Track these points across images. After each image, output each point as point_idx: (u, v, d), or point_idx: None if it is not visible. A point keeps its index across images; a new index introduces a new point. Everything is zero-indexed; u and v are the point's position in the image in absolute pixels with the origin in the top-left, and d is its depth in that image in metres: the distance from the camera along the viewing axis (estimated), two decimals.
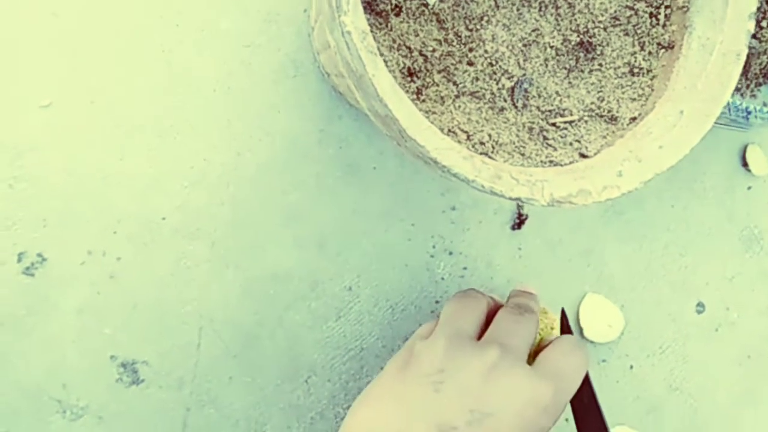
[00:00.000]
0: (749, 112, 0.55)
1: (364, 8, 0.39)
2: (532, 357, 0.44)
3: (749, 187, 0.64)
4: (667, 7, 0.44)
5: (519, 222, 0.56)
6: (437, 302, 0.54)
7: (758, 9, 0.57)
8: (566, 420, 0.53)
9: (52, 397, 0.46)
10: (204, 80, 0.49)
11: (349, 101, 0.49)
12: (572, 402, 0.45)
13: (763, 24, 0.60)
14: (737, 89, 0.61)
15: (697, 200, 0.62)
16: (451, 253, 0.55)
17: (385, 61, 0.39)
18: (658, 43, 0.44)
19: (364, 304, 0.52)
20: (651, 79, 0.44)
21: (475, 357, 0.40)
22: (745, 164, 0.63)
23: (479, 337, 0.43)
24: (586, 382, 0.44)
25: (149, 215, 0.47)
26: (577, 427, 0.45)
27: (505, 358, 0.40)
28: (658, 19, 0.44)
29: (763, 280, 0.65)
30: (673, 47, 0.44)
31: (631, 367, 0.60)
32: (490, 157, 0.40)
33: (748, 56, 0.60)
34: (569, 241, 0.58)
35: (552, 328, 0.48)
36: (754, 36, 0.59)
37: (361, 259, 0.52)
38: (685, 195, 0.62)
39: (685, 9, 0.43)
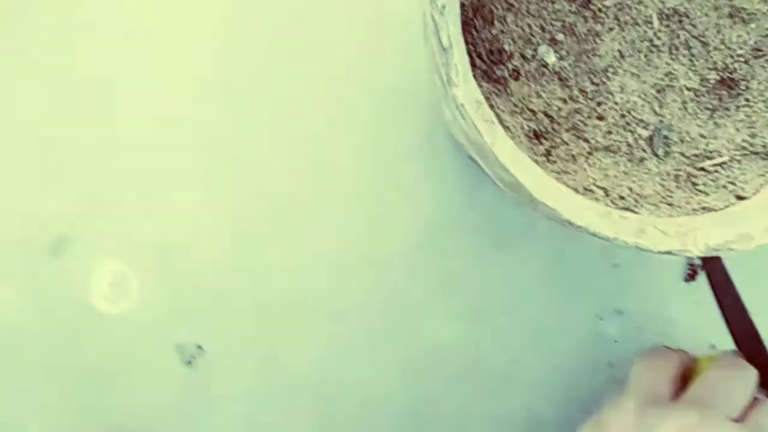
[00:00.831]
0: None
1: (482, 77, 0.39)
2: None
3: None
4: None
5: (691, 273, 0.52)
6: (611, 365, 0.51)
7: None
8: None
9: None
10: (340, 163, 0.50)
11: None
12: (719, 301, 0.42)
13: None
14: None
15: None
16: (621, 313, 0.51)
17: (508, 127, 0.38)
18: None
19: (531, 374, 0.50)
20: None
21: (670, 418, 0.37)
22: None
23: (674, 398, 0.40)
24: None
25: (303, 298, 0.49)
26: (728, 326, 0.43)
27: (707, 417, 0.36)
28: None
29: None
30: None
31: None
32: (632, 212, 0.37)
33: None
34: (754, 285, 0.53)
35: None
36: None
37: (523, 329, 0.50)
38: None
39: None
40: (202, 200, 0.49)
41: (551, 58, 0.40)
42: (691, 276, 0.52)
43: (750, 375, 0.40)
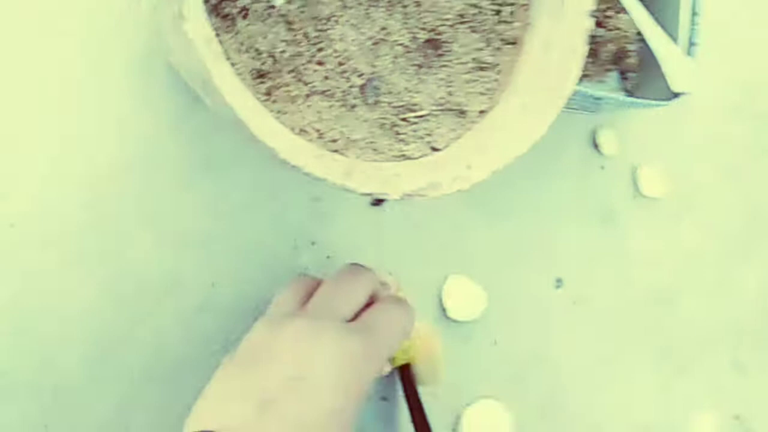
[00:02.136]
0: (599, 99, 0.58)
1: (210, 12, 0.39)
2: None
3: (602, 167, 0.68)
4: (510, 4, 0.46)
5: (379, 199, 0.57)
6: None
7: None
8: None
9: None
10: (53, 81, 0.48)
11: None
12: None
13: (610, 13, 0.63)
14: (586, 76, 0.64)
15: (554, 182, 0.65)
16: (314, 243, 0.55)
17: (234, 64, 0.39)
18: (503, 39, 0.46)
19: (228, 299, 0.53)
20: (497, 74, 0.46)
21: (287, 327, 0.41)
22: (596, 146, 0.67)
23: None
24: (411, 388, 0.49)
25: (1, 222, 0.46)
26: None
27: (318, 322, 0.41)
28: (502, 16, 0.46)
29: (617, 255, 0.69)
30: (516, 43, 0.46)
31: (495, 342, 0.63)
32: (342, 154, 0.41)
33: (596, 43, 0.63)
34: (432, 225, 0.60)
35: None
36: (600, 25, 0.63)
37: (224, 255, 0.52)
38: (542, 177, 0.65)
39: (526, 6, 0.45)
40: None
41: (279, 1, 0.41)
42: (378, 202, 0.57)
43: (363, 278, 0.45)
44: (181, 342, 0.51)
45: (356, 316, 0.44)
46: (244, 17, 0.40)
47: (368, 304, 0.45)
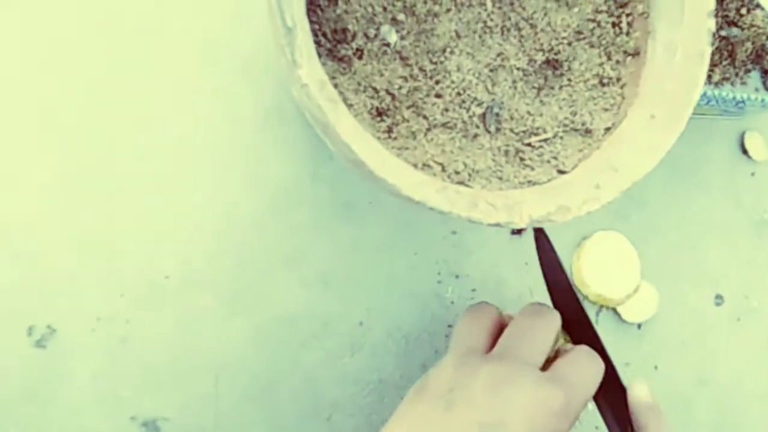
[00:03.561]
0: (742, 102, 0.55)
1: (326, 55, 0.40)
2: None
3: (753, 174, 0.64)
4: (628, 15, 0.45)
5: (520, 228, 0.56)
6: (449, 326, 0.55)
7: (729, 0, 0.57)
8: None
9: None
10: (189, 135, 0.50)
11: None
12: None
13: (743, 11, 0.60)
14: (726, 78, 0.61)
15: (702, 193, 0.62)
16: (458, 277, 0.55)
17: (352, 105, 0.40)
18: (624, 51, 0.45)
19: (377, 337, 0.53)
20: (621, 88, 0.44)
21: (482, 370, 0.40)
22: (745, 151, 0.63)
23: (490, 350, 0.43)
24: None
25: (153, 275, 0.49)
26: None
27: (514, 367, 0.40)
28: (621, 28, 0.45)
29: None
30: (638, 54, 0.44)
31: (656, 367, 0.60)
32: (467, 186, 0.40)
33: (733, 44, 0.60)
34: (574, 250, 0.58)
35: (567, 339, 0.49)
36: (735, 24, 0.60)
37: (369, 294, 0.53)
38: (689, 190, 0.62)
39: (645, 15, 0.44)
40: (49, 180, 0.48)
41: (393, 38, 0.42)
42: (518, 231, 0.56)
43: (550, 319, 0.44)
44: (335, 383, 0.52)
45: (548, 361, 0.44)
46: (360, 57, 0.41)
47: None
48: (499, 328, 0.45)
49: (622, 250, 0.58)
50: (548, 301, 0.56)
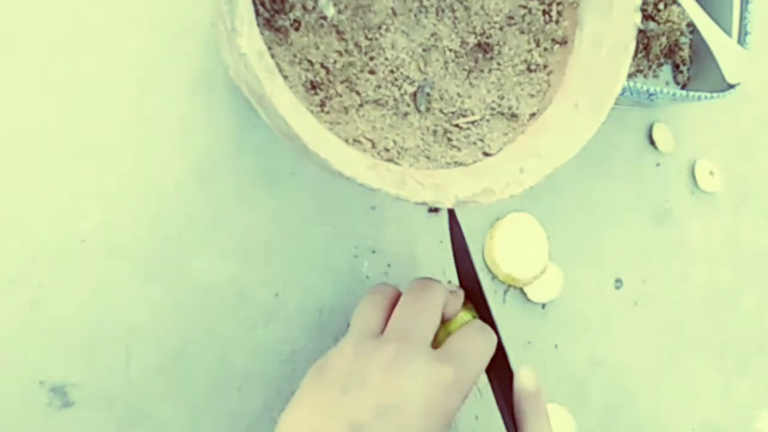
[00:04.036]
0: (653, 94, 0.57)
1: (264, 25, 0.40)
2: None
3: (658, 164, 0.67)
4: (558, 4, 0.46)
5: (437, 207, 0.57)
6: None
7: None
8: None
9: None
10: (115, 99, 0.49)
11: None
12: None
13: (660, 6, 0.62)
14: (639, 71, 0.63)
15: (609, 180, 0.65)
16: (374, 252, 0.56)
17: (287, 77, 0.40)
18: (552, 39, 0.46)
19: (291, 309, 0.53)
20: (548, 75, 0.46)
21: (375, 353, 0.42)
22: (652, 142, 0.66)
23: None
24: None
25: (68, 238, 0.47)
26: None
27: (405, 348, 0.42)
28: (551, 16, 0.46)
29: (675, 252, 0.68)
30: (566, 42, 0.45)
31: (556, 346, 0.62)
32: (396, 163, 0.41)
33: (648, 38, 0.62)
34: (487, 230, 0.60)
35: (474, 316, 0.50)
36: (652, 19, 0.62)
37: (286, 266, 0.53)
38: (596, 176, 0.64)
39: (575, 5, 0.45)
40: None
41: (330, 11, 0.42)
42: (435, 209, 0.57)
43: (436, 292, 0.46)
44: (247, 353, 0.52)
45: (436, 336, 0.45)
46: (297, 29, 0.41)
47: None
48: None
49: (533, 231, 0.60)
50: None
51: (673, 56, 0.65)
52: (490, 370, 0.48)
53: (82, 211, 0.48)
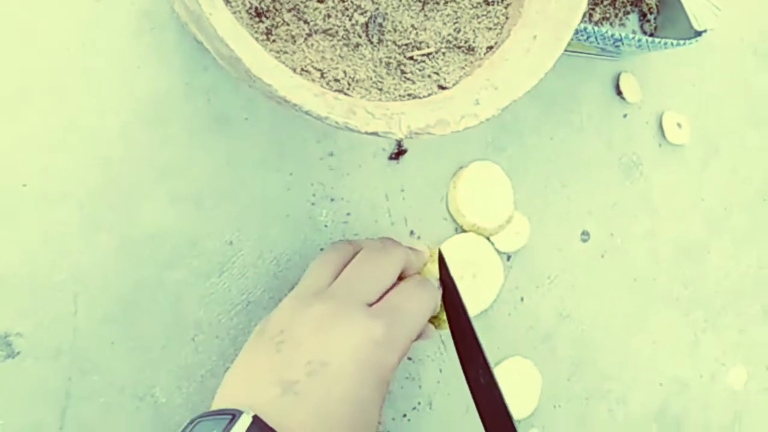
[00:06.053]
0: (619, 41, 0.56)
1: None
2: None
3: (625, 115, 0.66)
4: None
5: (398, 153, 0.55)
6: (322, 249, 0.54)
7: None
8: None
9: None
10: (55, 39, 0.47)
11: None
12: (452, 331, 0.46)
13: None
14: (606, 18, 0.62)
15: (575, 131, 0.64)
16: (332, 200, 0.54)
17: (229, 2, 0.38)
18: None
19: (247, 257, 0.52)
20: (505, 7, 0.44)
21: (311, 309, 0.41)
22: (619, 93, 0.65)
23: None
24: (462, 310, 0.45)
25: (9, 183, 0.46)
26: (459, 356, 0.46)
27: (339, 305, 0.41)
28: None
29: (643, 205, 0.67)
30: None
31: (522, 299, 0.61)
32: (346, 94, 0.39)
33: None
34: (450, 179, 0.58)
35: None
36: None
37: (241, 213, 0.51)
38: (563, 127, 0.63)
39: None
40: None
41: None
42: (396, 156, 0.56)
43: (394, 257, 0.45)
44: (201, 303, 0.50)
45: (383, 295, 0.44)
46: None
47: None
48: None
49: (497, 180, 0.58)
50: (425, 234, 0.56)
51: (639, 4, 0.63)
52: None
53: (22, 154, 0.46)
